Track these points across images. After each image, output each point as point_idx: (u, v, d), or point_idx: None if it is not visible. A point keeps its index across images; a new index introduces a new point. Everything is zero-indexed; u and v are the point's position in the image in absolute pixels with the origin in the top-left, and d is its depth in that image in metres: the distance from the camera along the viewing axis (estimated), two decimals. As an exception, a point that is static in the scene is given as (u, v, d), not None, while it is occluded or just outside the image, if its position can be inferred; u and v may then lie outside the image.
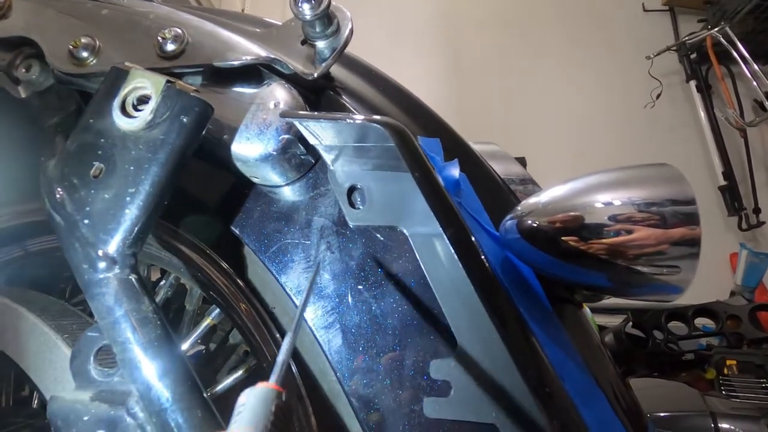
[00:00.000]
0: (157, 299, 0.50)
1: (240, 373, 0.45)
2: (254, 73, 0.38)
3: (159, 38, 0.35)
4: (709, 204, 2.20)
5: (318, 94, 0.41)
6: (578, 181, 0.32)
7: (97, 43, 0.37)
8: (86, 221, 0.28)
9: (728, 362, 1.51)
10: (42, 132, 0.39)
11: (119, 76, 0.31)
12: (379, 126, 0.27)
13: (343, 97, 0.41)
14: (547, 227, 0.31)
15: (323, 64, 0.39)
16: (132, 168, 0.28)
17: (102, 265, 0.27)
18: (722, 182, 2.11)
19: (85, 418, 0.25)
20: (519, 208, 0.34)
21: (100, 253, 0.27)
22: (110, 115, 0.30)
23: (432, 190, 0.26)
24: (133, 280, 0.28)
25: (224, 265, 0.42)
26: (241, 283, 0.42)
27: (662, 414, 1.32)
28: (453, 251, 0.26)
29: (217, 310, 0.48)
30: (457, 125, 0.44)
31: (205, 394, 0.25)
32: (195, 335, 0.49)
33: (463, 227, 0.26)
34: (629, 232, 0.29)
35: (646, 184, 0.29)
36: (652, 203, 0.28)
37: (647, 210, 0.29)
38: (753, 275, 1.97)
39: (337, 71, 0.43)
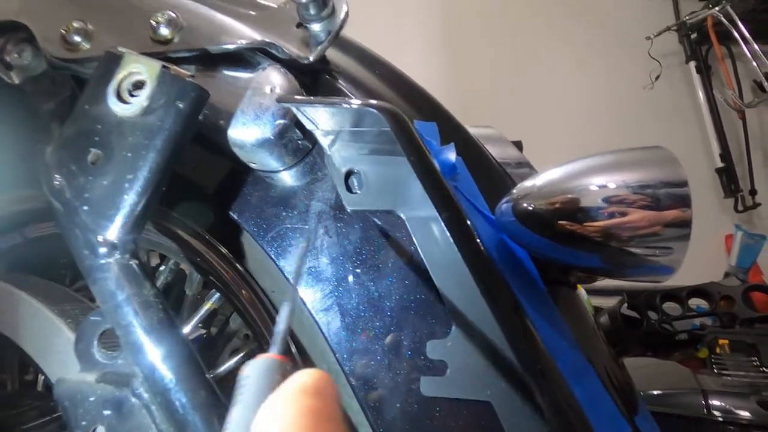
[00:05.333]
0: (158, 284, 0.50)
1: (241, 356, 0.46)
2: (249, 57, 0.37)
3: (152, 22, 0.35)
4: (705, 186, 2.20)
5: (314, 78, 0.41)
6: (573, 164, 0.32)
7: (90, 27, 0.37)
8: (85, 207, 0.28)
9: (720, 341, 1.54)
10: (38, 118, 0.39)
11: (113, 61, 0.31)
12: (374, 110, 0.27)
13: (339, 80, 0.41)
14: (542, 210, 0.31)
15: (319, 48, 0.39)
16: (129, 154, 0.29)
17: (103, 250, 0.28)
18: (719, 164, 2.12)
19: (92, 399, 0.26)
20: (515, 191, 0.35)
21: (100, 238, 0.28)
22: (106, 101, 0.30)
23: (427, 174, 0.27)
24: (134, 265, 0.28)
25: (223, 250, 0.42)
26: (240, 268, 0.42)
27: (655, 392, 1.35)
28: (448, 234, 0.26)
29: (217, 294, 0.48)
30: (454, 107, 0.44)
31: (207, 375, 0.26)
32: (196, 319, 0.50)
33: (458, 210, 0.27)
34: (623, 214, 0.30)
35: (640, 166, 0.29)
36: (646, 185, 0.29)
37: (641, 192, 0.29)
38: (747, 256, 1.99)
39: (333, 54, 0.43)
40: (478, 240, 0.26)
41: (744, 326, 1.76)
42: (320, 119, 0.31)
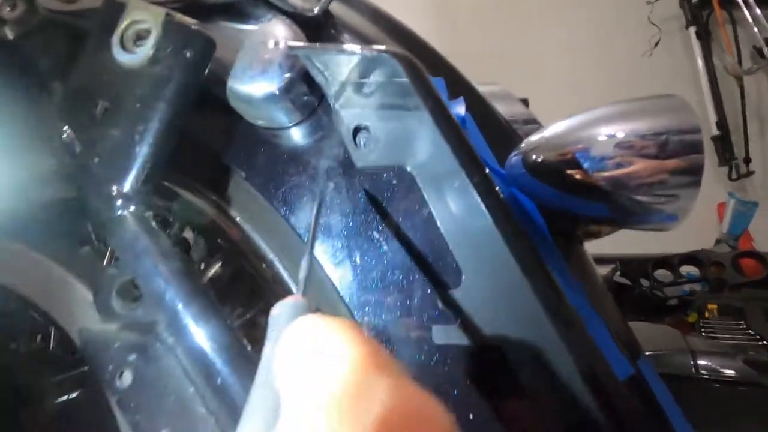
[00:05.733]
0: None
1: (252, 312, 0.46)
2: (251, 9, 0.36)
3: (152, -30, 0.34)
4: (700, 154, 2.21)
5: (317, 31, 0.40)
6: (582, 115, 0.32)
7: (86, -23, 0.36)
8: (96, 160, 0.28)
9: (709, 306, 1.59)
10: (36, 76, 0.38)
11: (115, 9, 0.30)
12: (391, 57, 0.26)
13: (344, 34, 0.40)
14: (552, 161, 0.32)
15: (322, 1, 0.38)
16: (138, 105, 0.28)
17: (118, 202, 0.28)
18: (715, 132, 2.12)
19: (116, 345, 0.26)
20: (524, 144, 0.35)
21: (114, 191, 0.28)
22: (110, 51, 0.29)
23: (447, 124, 0.27)
24: (150, 217, 0.28)
25: (231, 212, 0.42)
26: (247, 228, 0.42)
27: (647, 352, 1.40)
28: (470, 185, 0.27)
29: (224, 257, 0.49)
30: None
31: (228, 320, 0.27)
32: (204, 280, 0.51)
33: (479, 162, 0.27)
34: (632, 162, 0.30)
35: (650, 114, 0.30)
36: (657, 133, 0.29)
37: (651, 139, 0.29)
38: (738, 223, 2.03)
39: (338, 8, 0.42)
40: (498, 188, 0.27)
41: (732, 291, 1.82)
42: (331, 68, 0.30)
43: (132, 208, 0.28)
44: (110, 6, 0.30)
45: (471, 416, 0.32)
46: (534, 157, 0.33)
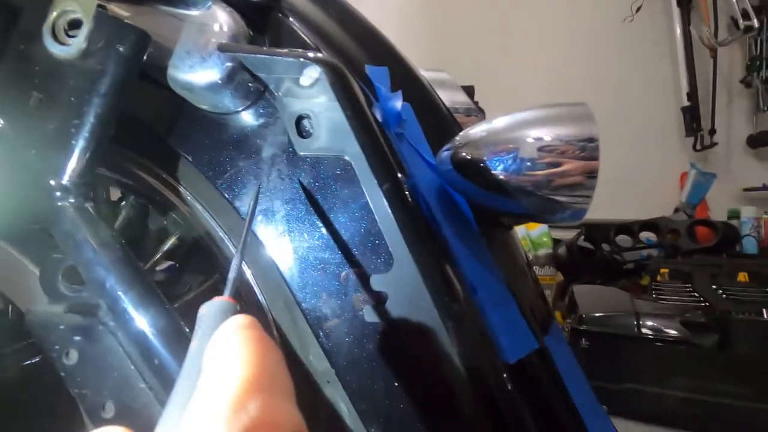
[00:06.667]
0: (120, 218, 0.52)
1: (204, 287, 0.49)
2: (194, -7, 0.36)
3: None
4: (668, 124, 2.26)
5: (263, 16, 0.40)
6: (507, 117, 0.35)
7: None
8: (33, 151, 0.29)
9: (662, 270, 1.70)
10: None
11: (45, -3, 0.30)
12: (315, 64, 0.28)
13: (290, 19, 0.41)
14: (477, 160, 0.34)
15: (269, -17, 0.38)
16: (73, 99, 0.29)
17: (57, 194, 0.29)
18: (685, 103, 2.16)
19: (61, 327, 0.29)
20: (456, 139, 0.37)
21: (52, 182, 0.29)
22: (41, 41, 0.29)
23: (366, 135, 0.29)
24: (89, 207, 0.30)
25: (181, 189, 0.44)
26: (198, 206, 0.44)
27: (597, 314, 1.51)
28: (380, 191, 0.29)
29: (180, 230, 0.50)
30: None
31: (167, 305, 0.29)
32: (161, 254, 0.53)
33: (392, 170, 0.29)
34: (550, 165, 0.33)
35: (562, 122, 0.32)
36: (566, 140, 0.31)
37: (567, 146, 0.32)
38: (697, 193, 2.13)
39: (285, -10, 0.42)
40: (405, 189, 0.29)
41: (685, 257, 1.93)
42: (264, 69, 0.31)
43: (71, 199, 0.29)
44: (40, -8, 0.30)
45: (395, 385, 0.36)
46: (461, 154, 0.35)
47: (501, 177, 0.34)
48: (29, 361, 0.45)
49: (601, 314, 1.45)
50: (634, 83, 2.27)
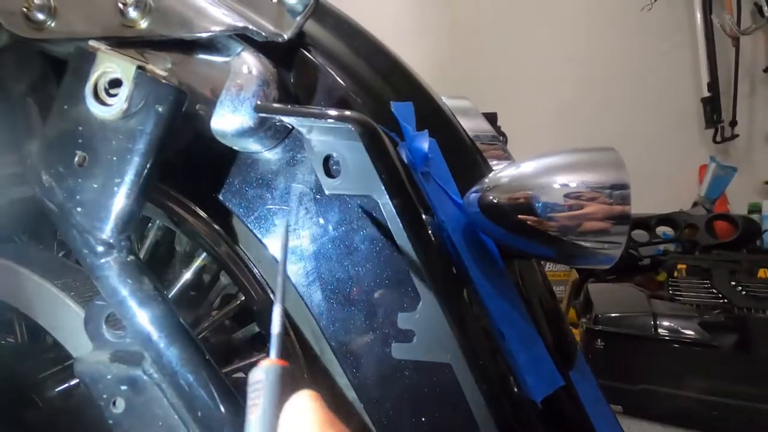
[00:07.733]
0: (147, 242, 0.53)
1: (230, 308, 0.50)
2: (223, 42, 0.37)
3: (120, 4, 0.34)
4: (687, 116, 2.21)
5: (289, 54, 0.40)
6: (535, 162, 0.35)
7: (53, 3, 0.35)
8: (79, 209, 0.30)
9: (679, 266, 1.68)
10: (10, 101, 0.39)
11: (86, 58, 0.30)
12: (349, 125, 0.28)
13: (317, 57, 0.41)
14: (504, 204, 0.35)
15: (295, 23, 0.38)
16: (115, 158, 0.30)
17: (101, 249, 0.30)
18: (706, 94, 2.10)
19: (108, 377, 0.30)
20: (485, 182, 0.37)
21: (97, 239, 0.30)
22: (84, 101, 0.30)
23: (389, 171, 0.30)
24: (132, 261, 0.31)
25: (216, 226, 0.45)
26: (228, 238, 0.45)
27: (613, 314, 1.50)
28: (408, 239, 0.30)
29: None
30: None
31: (206, 356, 0.30)
32: (187, 275, 0.54)
33: (410, 200, 0.30)
34: (575, 210, 0.33)
35: (589, 168, 0.32)
36: (600, 186, 0.32)
37: (593, 192, 0.32)
38: (716, 187, 2.08)
39: (311, 26, 0.42)
40: (431, 229, 0.30)
41: (703, 253, 1.89)
42: (298, 123, 0.32)
43: (114, 254, 0.30)
44: (81, 53, 0.31)
45: (423, 419, 0.38)
46: (489, 198, 0.35)
47: (527, 222, 0.34)
48: (67, 384, 0.47)
49: (617, 314, 1.44)
50: (652, 74, 2.21)
